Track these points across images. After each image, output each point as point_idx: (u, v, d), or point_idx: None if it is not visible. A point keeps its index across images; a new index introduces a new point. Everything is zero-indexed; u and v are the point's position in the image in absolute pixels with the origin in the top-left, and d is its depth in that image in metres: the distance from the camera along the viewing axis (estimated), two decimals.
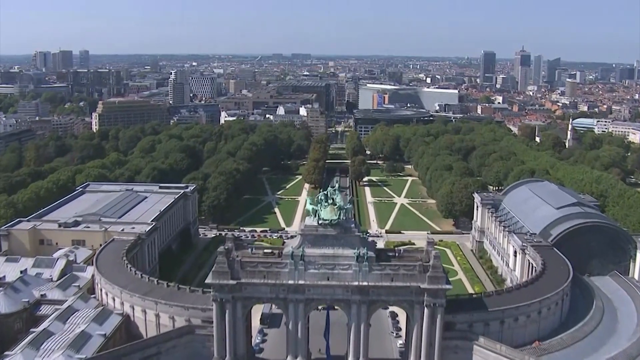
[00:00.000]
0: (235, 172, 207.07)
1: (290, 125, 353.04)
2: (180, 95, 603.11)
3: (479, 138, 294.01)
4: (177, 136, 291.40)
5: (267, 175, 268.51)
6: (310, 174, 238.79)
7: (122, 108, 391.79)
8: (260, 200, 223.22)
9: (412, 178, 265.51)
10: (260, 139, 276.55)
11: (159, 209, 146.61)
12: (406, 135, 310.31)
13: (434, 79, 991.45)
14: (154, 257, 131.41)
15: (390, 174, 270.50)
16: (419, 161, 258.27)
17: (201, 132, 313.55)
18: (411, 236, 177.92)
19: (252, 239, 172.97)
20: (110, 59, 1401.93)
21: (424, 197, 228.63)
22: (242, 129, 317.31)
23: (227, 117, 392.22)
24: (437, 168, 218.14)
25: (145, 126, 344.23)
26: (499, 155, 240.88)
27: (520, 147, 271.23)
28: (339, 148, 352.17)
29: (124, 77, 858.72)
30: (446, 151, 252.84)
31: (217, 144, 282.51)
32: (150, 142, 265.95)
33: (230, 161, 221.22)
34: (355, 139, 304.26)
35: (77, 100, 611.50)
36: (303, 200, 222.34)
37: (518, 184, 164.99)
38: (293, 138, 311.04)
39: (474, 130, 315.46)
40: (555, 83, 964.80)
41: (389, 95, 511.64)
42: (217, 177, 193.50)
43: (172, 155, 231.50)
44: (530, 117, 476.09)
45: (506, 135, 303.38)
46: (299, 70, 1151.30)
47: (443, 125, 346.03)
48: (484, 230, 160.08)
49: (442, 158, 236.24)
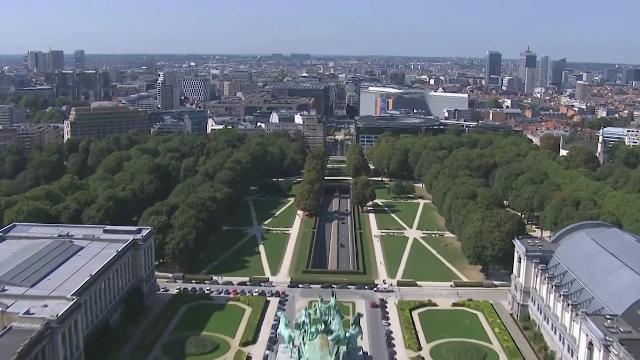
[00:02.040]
0: (211, 202, 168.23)
1: (283, 135, 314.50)
2: (169, 99, 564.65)
3: (499, 153, 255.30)
4: (152, 150, 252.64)
5: (255, 197, 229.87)
6: (304, 199, 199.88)
7: (97, 115, 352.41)
8: (242, 233, 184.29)
9: (424, 201, 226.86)
10: (247, 155, 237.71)
11: (93, 268, 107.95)
12: (415, 148, 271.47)
13: (438, 81, 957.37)
14: (75, 347, 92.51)
15: (399, 196, 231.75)
16: (432, 182, 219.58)
17: (181, 144, 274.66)
18: (430, 290, 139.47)
19: (225, 295, 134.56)
20: (108, 59, 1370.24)
21: (441, 228, 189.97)
22: (229, 140, 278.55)
23: (214, 126, 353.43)
24: (457, 195, 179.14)
25: (121, 136, 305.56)
26: (528, 177, 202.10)
27: (550, 165, 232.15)
28: (339, 161, 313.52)
29: (114, 79, 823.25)
30: (465, 171, 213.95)
31: (198, 160, 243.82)
32: (117, 159, 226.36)
33: (207, 187, 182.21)
34: (357, 153, 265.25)
35: (59, 104, 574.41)
36: (294, 234, 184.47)
37: (573, 229, 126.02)
38: (286, 151, 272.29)
39: (492, 144, 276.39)
40: (562, 85, 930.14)
41: (392, 99, 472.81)
42: (185, 210, 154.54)
43: (138, 178, 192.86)
44: (547, 124, 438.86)
45: (530, 149, 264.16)
46: (298, 70, 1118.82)
47: (456, 136, 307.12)
48: (529, 291, 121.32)
49: (462, 180, 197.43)
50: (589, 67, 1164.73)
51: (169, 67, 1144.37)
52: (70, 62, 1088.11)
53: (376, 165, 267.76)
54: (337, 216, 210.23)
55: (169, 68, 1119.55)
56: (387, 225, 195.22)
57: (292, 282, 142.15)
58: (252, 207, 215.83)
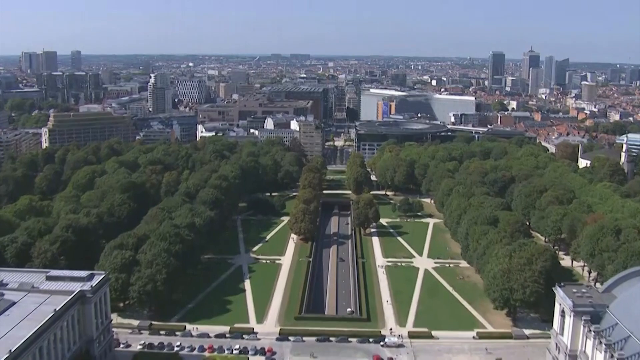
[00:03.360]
0: (188, 230, 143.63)
1: (278, 143, 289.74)
2: (161, 102, 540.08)
3: (516, 165, 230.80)
4: (131, 163, 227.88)
5: (244, 216, 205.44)
6: (299, 222, 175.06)
7: (78, 122, 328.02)
8: (226, 263, 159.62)
9: (434, 220, 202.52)
10: (236, 169, 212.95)
11: (21, 335, 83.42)
12: (422, 159, 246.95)
13: (440, 82, 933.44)
14: None
15: (405, 215, 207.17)
16: (444, 200, 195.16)
17: (165, 154, 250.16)
18: (449, 344, 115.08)
19: (199, 353, 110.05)
20: (107, 60, 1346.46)
21: (454, 255, 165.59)
22: (217, 151, 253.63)
23: (204, 133, 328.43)
24: (475, 220, 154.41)
25: (102, 145, 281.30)
26: (553, 196, 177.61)
27: (574, 179, 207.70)
28: (338, 171, 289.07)
29: (107, 80, 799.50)
30: (480, 188, 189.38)
31: (181, 174, 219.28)
32: (89, 174, 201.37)
33: (185, 211, 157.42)
34: (359, 165, 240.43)
35: (47, 107, 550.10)
36: (287, 264, 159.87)
37: (631, 275, 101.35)
38: (280, 163, 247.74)
39: (507, 154, 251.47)
40: (567, 85, 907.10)
41: (395, 103, 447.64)
42: (155, 243, 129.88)
43: (109, 198, 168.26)
44: (558, 129, 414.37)
45: (550, 160, 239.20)
46: (298, 71, 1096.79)
47: (466, 144, 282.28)
48: (576, 354, 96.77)
49: (479, 201, 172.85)
50: (590, 67, 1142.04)
51: (167, 68, 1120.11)
52: (67, 63, 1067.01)
53: (379, 178, 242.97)
54: (336, 239, 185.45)
55: (167, 69, 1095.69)
56: (393, 252, 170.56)
57: (282, 333, 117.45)
58: (240, 229, 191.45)
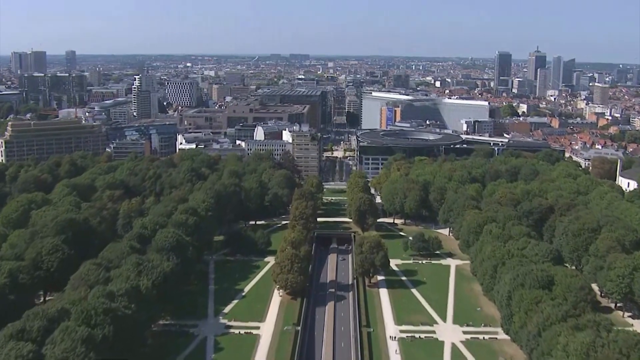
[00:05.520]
0: (128, 300, 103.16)
1: (267, 158, 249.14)
2: (146, 106, 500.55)
3: (552, 189, 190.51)
4: (85, 187, 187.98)
5: (219, 256, 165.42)
6: (284, 272, 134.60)
7: (40, 132, 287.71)
8: (186, 334, 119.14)
9: (456, 262, 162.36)
10: (210, 197, 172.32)
11: None
12: (438, 181, 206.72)
13: (444, 83, 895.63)
14: None
15: (420, 254, 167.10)
16: (469, 238, 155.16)
17: (130, 174, 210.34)
18: None
19: None
20: (105, 60, 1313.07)
21: (489, 319, 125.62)
22: (193, 169, 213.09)
23: (184, 144, 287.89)
24: (521, 281, 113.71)
25: (63, 159, 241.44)
26: (612, 238, 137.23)
27: (630, 210, 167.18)
28: (337, 191, 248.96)
29: (97, 81, 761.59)
30: (518, 226, 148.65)
31: (144, 202, 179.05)
32: (23, 205, 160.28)
33: (130, 265, 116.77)
34: (361, 189, 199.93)
35: (25, 112, 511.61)
36: (267, 335, 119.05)
37: None
38: (267, 184, 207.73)
39: (538, 174, 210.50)
40: (575, 87, 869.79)
41: (401, 108, 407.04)
42: (71, 329, 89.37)
43: (36, 244, 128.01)
44: (581, 137, 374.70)
45: (592, 183, 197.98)
46: (297, 71, 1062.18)
47: (486, 160, 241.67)
48: None
49: (519, 246, 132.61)
50: (592, 68, 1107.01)
51: (165, 68, 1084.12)
52: (62, 63, 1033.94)
53: (386, 203, 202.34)
54: (333, 292, 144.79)
55: (165, 69, 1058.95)
56: (408, 314, 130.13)
57: None
58: (212, 276, 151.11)
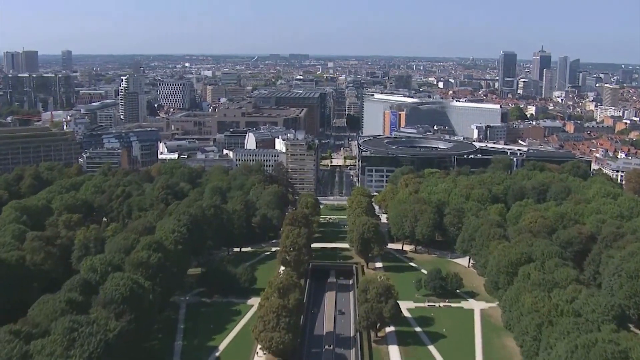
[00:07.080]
0: None
1: (257, 170, 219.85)
2: (134, 108, 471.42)
3: (588, 211, 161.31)
4: (38, 210, 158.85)
5: (193, 296, 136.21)
6: (268, 330, 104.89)
7: (6, 141, 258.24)
8: None
9: (481, 306, 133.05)
10: (182, 224, 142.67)
11: None
12: (453, 200, 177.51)
13: (447, 83, 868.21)
14: None
15: (436, 294, 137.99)
16: (499, 279, 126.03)
17: (96, 192, 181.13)
18: None
19: None
20: (102, 59, 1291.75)
21: None
22: (169, 187, 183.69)
23: (166, 154, 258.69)
24: (581, 357, 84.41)
25: (26, 173, 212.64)
26: None
27: None
28: (337, 209, 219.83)
29: (88, 82, 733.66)
30: (565, 270, 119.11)
31: (106, 228, 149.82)
32: None
33: (63, 329, 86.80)
34: (365, 212, 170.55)
35: (6, 114, 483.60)
36: None
37: None
38: (255, 204, 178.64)
39: (570, 193, 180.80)
40: (581, 88, 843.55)
41: (405, 112, 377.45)
42: None
43: None
44: (601, 144, 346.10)
45: (636, 204, 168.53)
46: (296, 72, 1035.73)
47: (506, 173, 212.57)
48: None
49: (567, 297, 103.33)
50: (595, 68, 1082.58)
51: (163, 68, 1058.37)
52: (59, 63, 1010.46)
53: (394, 228, 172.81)
54: (330, 350, 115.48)
55: (162, 69, 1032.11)
56: None
57: None
58: (181, 327, 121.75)
